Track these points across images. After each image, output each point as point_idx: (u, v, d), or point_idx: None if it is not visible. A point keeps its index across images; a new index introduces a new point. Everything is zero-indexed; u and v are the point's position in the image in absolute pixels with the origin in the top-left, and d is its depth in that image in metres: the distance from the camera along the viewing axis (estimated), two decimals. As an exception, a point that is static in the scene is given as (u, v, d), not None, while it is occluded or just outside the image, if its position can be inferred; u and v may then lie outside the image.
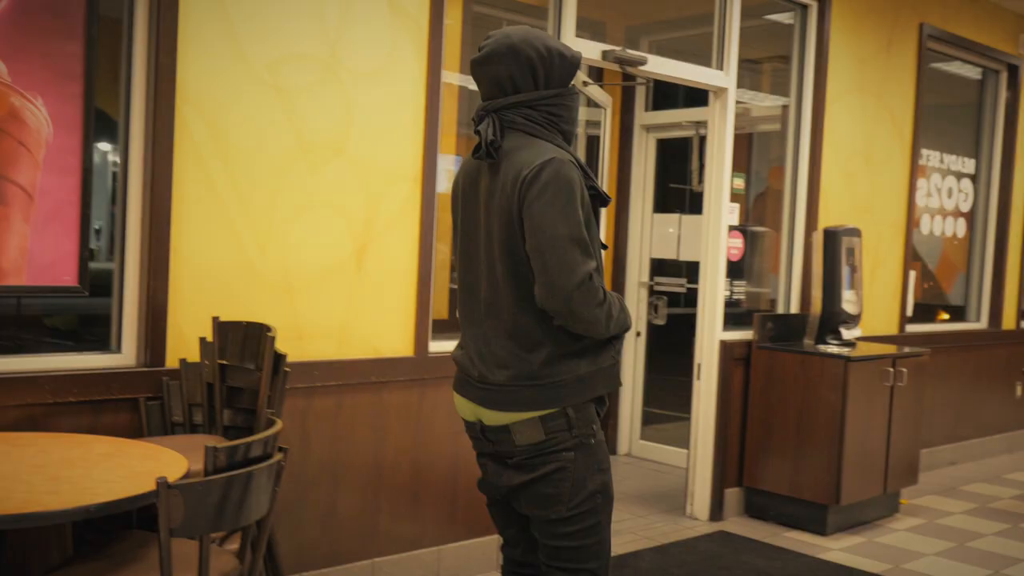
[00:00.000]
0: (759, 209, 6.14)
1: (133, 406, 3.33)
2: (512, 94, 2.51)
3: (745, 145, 6.30)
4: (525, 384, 2.49)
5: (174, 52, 3.36)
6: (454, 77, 5.13)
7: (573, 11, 4.55)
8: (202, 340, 3.36)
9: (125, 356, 3.40)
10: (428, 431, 4.15)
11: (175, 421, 3.36)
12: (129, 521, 2.95)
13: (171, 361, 3.41)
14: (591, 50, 4.70)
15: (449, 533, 4.27)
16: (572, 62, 2.56)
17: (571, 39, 4.57)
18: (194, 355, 3.41)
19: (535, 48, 2.50)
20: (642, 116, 6.75)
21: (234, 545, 2.80)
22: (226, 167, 3.51)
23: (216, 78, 3.48)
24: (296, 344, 3.71)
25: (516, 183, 2.43)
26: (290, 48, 3.65)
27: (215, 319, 3.33)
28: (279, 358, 3.11)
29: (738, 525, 5.38)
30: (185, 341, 3.44)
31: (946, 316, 7.54)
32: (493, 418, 2.54)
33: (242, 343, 3.23)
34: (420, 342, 4.08)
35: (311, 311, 3.76)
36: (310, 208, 3.74)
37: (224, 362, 3.28)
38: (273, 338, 3.06)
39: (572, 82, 2.59)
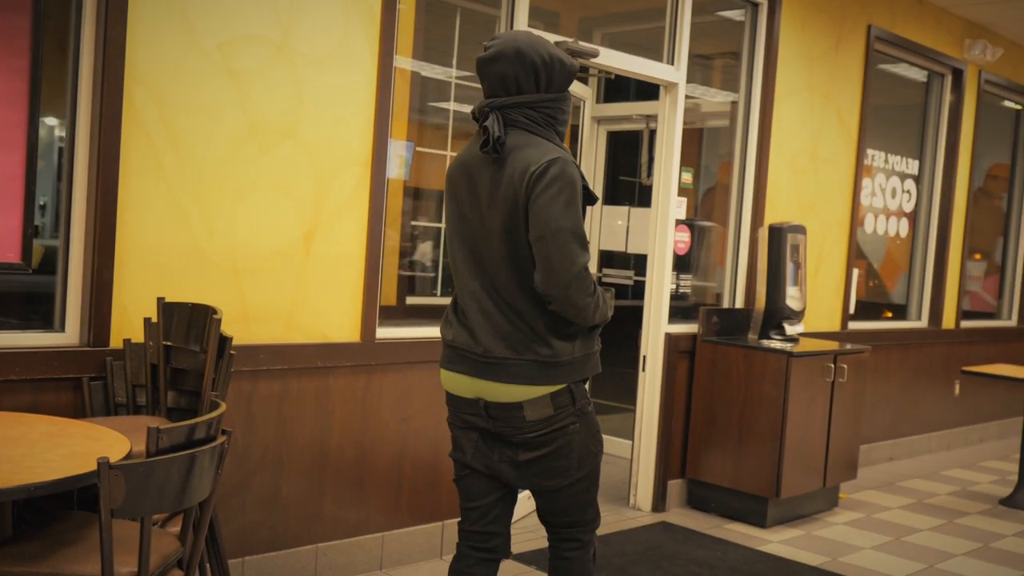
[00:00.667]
0: (708, 204, 6.20)
1: (76, 386, 3.29)
2: (515, 94, 2.71)
3: (696, 140, 6.35)
4: (530, 360, 2.68)
5: (123, 28, 3.31)
6: (407, 63, 5.11)
7: (526, 1, 4.56)
8: (147, 321, 3.33)
9: (69, 335, 3.35)
10: (374, 418, 4.15)
11: (118, 402, 3.33)
12: (70, 502, 2.92)
13: (115, 341, 3.37)
14: (545, 41, 4.71)
15: (393, 520, 4.27)
16: (570, 69, 2.77)
17: (523, 28, 4.57)
18: (139, 336, 3.38)
19: (539, 54, 2.70)
20: (593, 108, 6.79)
21: (176, 527, 2.78)
22: (174, 146, 3.48)
23: (166, 56, 3.43)
24: (242, 327, 3.68)
25: (524, 177, 2.63)
26: (242, 29, 3.61)
27: (160, 300, 3.30)
28: (224, 340, 3.08)
29: (680, 516, 5.45)
30: (130, 321, 3.40)
31: (890, 314, 7.68)
32: (501, 393, 2.70)
33: (187, 324, 3.20)
34: (367, 328, 4.07)
35: (258, 294, 3.73)
36: (259, 190, 3.71)
37: (169, 343, 3.25)
38: (219, 320, 3.04)
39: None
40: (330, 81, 3.89)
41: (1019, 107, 8.76)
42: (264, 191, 3.72)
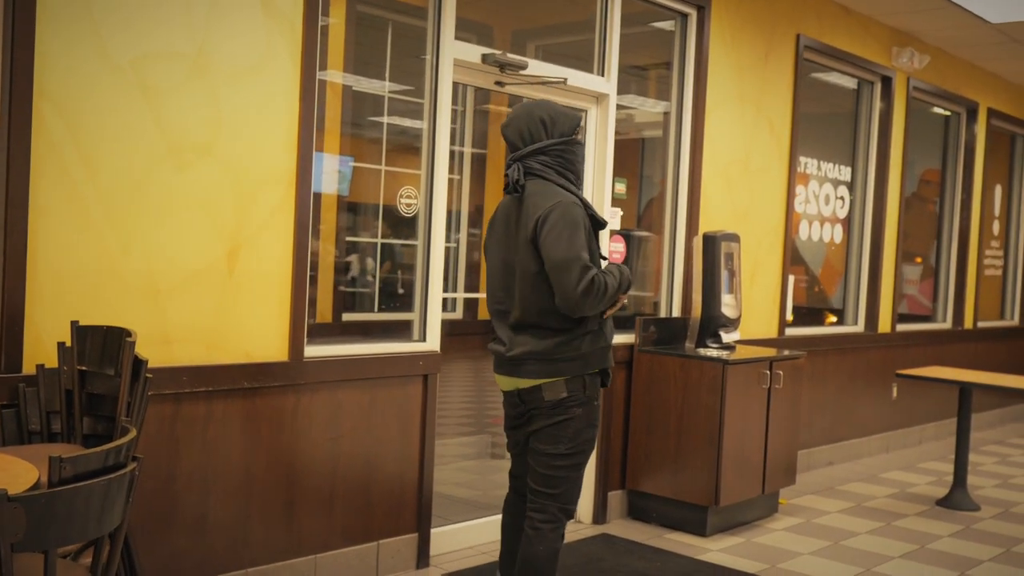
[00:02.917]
0: (650, 214, 6.20)
1: (-13, 415, 3.19)
2: (530, 143, 3.44)
3: (636, 150, 6.36)
4: (545, 358, 3.41)
5: (31, 47, 3.22)
6: (338, 76, 5.05)
7: (452, 12, 4.54)
8: (60, 345, 3.23)
9: (-22, 362, 3.25)
10: (304, 437, 4.07)
11: (32, 429, 3.22)
12: (-24, 536, 2.81)
13: (28, 367, 3.26)
14: (471, 53, 4.69)
15: (325, 541, 4.19)
16: (574, 118, 3.50)
17: (450, 41, 4.56)
18: (53, 360, 3.27)
19: (544, 110, 3.46)
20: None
21: (89, 558, 2.69)
22: (87, 166, 3.39)
23: (77, 75, 3.35)
24: (163, 349, 3.60)
25: (535, 221, 3.34)
26: (156, 45, 3.54)
27: (74, 323, 3.21)
28: (139, 363, 3.00)
29: (621, 527, 5.42)
30: (43, 346, 3.30)
31: (833, 319, 7.75)
32: (527, 383, 3.47)
33: (102, 348, 3.12)
34: (295, 346, 3.99)
35: (179, 315, 3.65)
36: (178, 209, 3.63)
37: (84, 368, 3.16)
38: (132, 343, 2.96)
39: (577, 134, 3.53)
40: (250, 96, 3.82)
41: (948, 113, 8.90)
42: (183, 209, 3.64)
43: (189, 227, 3.66)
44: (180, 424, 3.68)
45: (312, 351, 4.09)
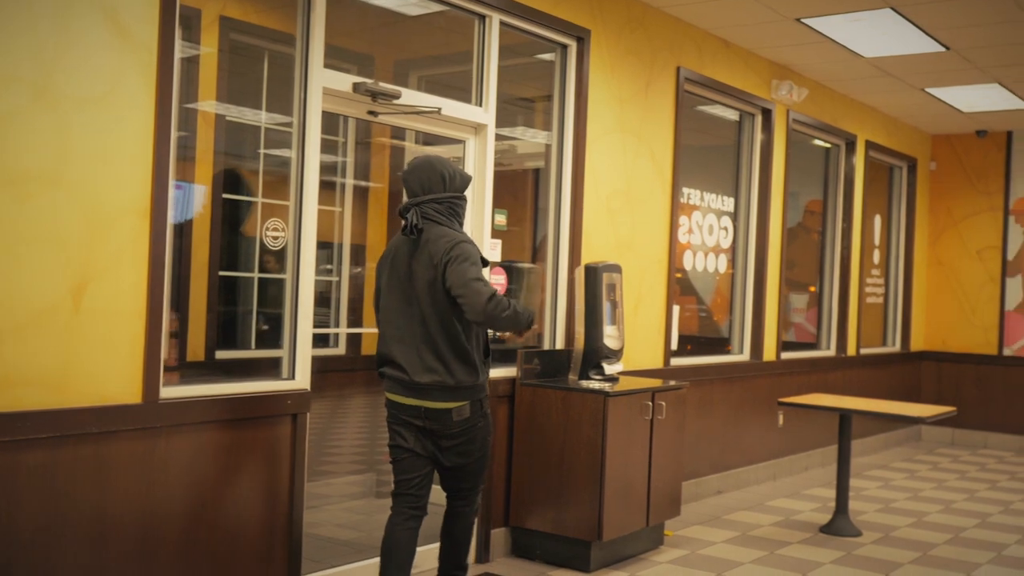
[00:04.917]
0: (547, 246, 6.12)
1: None
2: (429, 193, 4.00)
3: (530, 182, 6.30)
4: (451, 387, 3.94)
5: None
6: (211, 106, 4.89)
7: (321, 39, 4.43)
8: None
9: None
10: (160, 483, 3.86)
11: None
12: None
13: None
14: (341, 82, 4.57)
15: (187, 592, 3.98)
16: (467, 178, 4.13)
17: (319, 69, 4.44)
18: None
19: (444, 167, 4.04)
20: (412, 151, 6.66)
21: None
22: (-84, 198, 3.16)
23: (-96, 100, 3.13)
24: (3, 393, 3.37)
25: (440, 257, 3.88)
26: (-5, 69, 3.34)
27: None
28: (-37, 410, 2.79)
29: (504, 566, 5.31)
30: None
31: (732, 348, 7.79)
32: (436, 405, 3.96)
33: (-77, 394, 2.89)
34: (150, 388, 3.79)
35: (20, 356, 3.42)
36: (19, 243, 3.41)
37: (-94, 416, 2.93)
38: (-46, 388, 2.75)
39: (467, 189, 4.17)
40: (101, 124, 3.63)
41: (828, 145, 9.09)
42: (25, 243, 3.43)
43: (31, 262, 3.44)
44: (22, 474, 3.44)
45: (169, 392, 3.89)
